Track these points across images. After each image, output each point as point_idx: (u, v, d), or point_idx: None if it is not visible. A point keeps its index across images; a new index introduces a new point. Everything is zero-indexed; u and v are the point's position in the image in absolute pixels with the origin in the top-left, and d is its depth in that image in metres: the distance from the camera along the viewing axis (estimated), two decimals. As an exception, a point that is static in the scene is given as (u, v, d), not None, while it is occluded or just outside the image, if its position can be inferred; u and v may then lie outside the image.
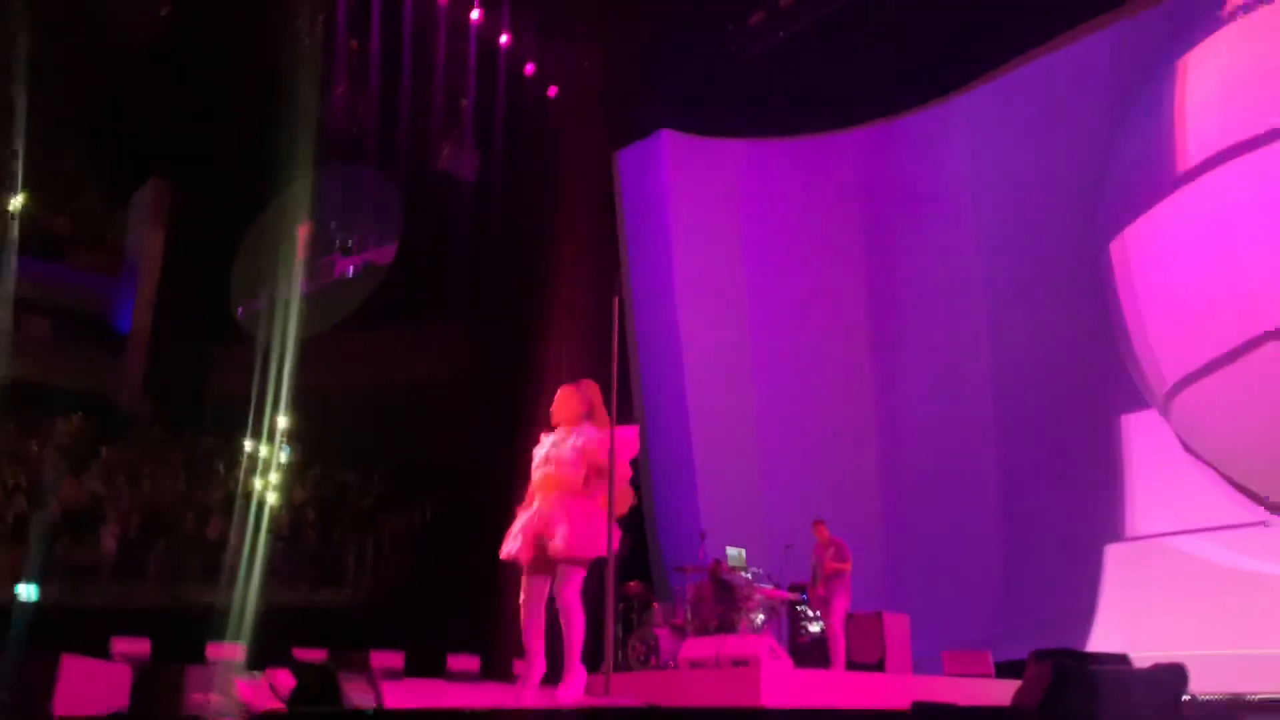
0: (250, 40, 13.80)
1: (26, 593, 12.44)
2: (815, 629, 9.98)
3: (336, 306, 17.73)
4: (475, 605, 11.87)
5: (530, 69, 14.39)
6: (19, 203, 15.05)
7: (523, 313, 14.02)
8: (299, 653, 7.74)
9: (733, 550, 10.05)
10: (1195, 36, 9.94)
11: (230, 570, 13.13)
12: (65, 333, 18.67)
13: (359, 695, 4.04)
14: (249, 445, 15.32)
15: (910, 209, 14.06)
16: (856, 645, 9.38)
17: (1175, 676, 3.81)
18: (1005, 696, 4.20)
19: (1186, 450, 10.04)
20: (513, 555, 4.84)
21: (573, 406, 4.99)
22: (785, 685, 6.40)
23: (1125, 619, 10.33)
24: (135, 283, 19.46)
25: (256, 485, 14.90)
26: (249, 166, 14.37)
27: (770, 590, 9.85)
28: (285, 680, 4.18)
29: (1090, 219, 10.94)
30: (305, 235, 16.78)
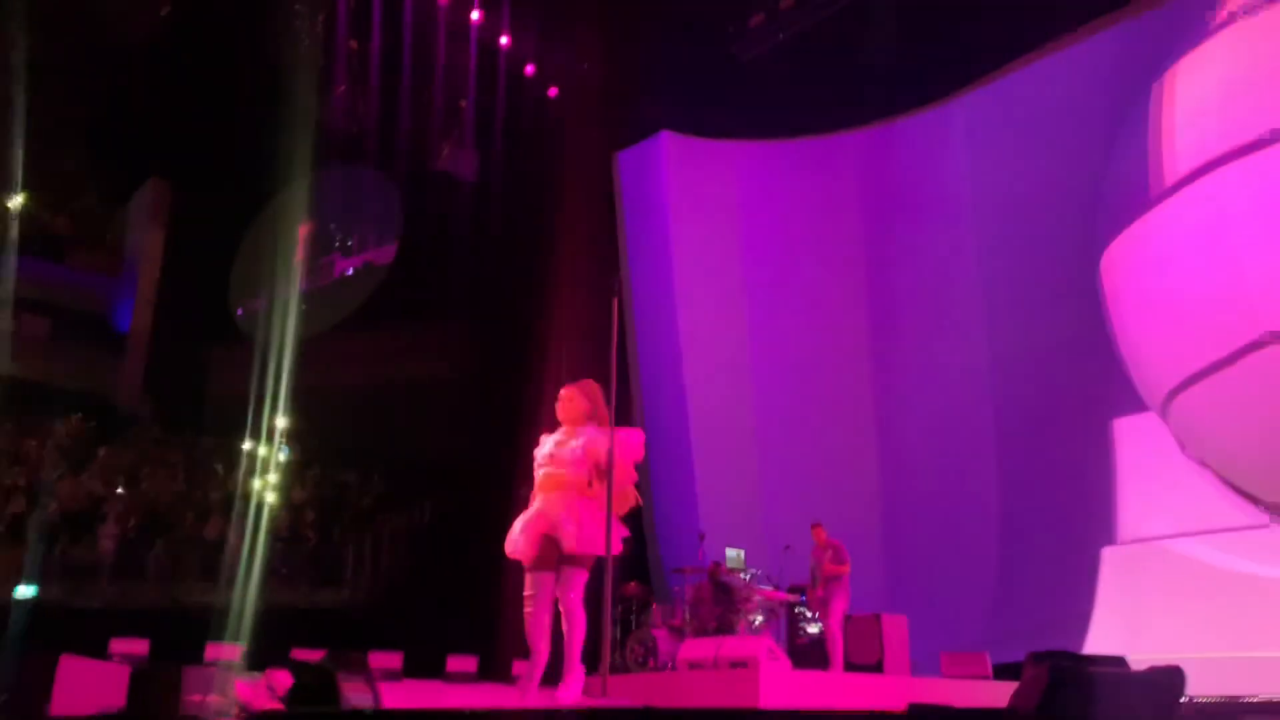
0: (250, 40, 13.80)
1: (25, 592, 12.44)
2: (814, 630, 9.99)
3: (336, 306, 17.72)
4: (474, 606, 11.88)
5: (530, 69, 14.40)
6: (19, 202, 15.05)
7: (522, 313, 14.02)
8: (297, 653, 7.72)
9: (731, 552, 10.07)
10: (1192, 41, 9.95)
11: (229, 570, 13.12)
12: (64, 332, 18.65)
13: (357, 696, 4.04)
14: (248, 445, 15.30)
15: (909, 211, 14.07)
16: (855, 647, 9.38)
17: (1172, 679, 3.83)
18: (1003, 698, 4.21)
19: (1185, 453, 10.04)
20: (517, 554, 4.85)
21: (576, 407, 5.00)
22: (783, 686, 6.40)
23: (1122, 621, 10.33)
24: (135, 282, 19.46)
25: (256, 485, 14.89)
26: (249, 166, 14.36)
27: (769, 592, 9.87)
28: (283, 680, 4.18)
29: (1089, 221, 10.95)
30: (305, 235, 16.78)
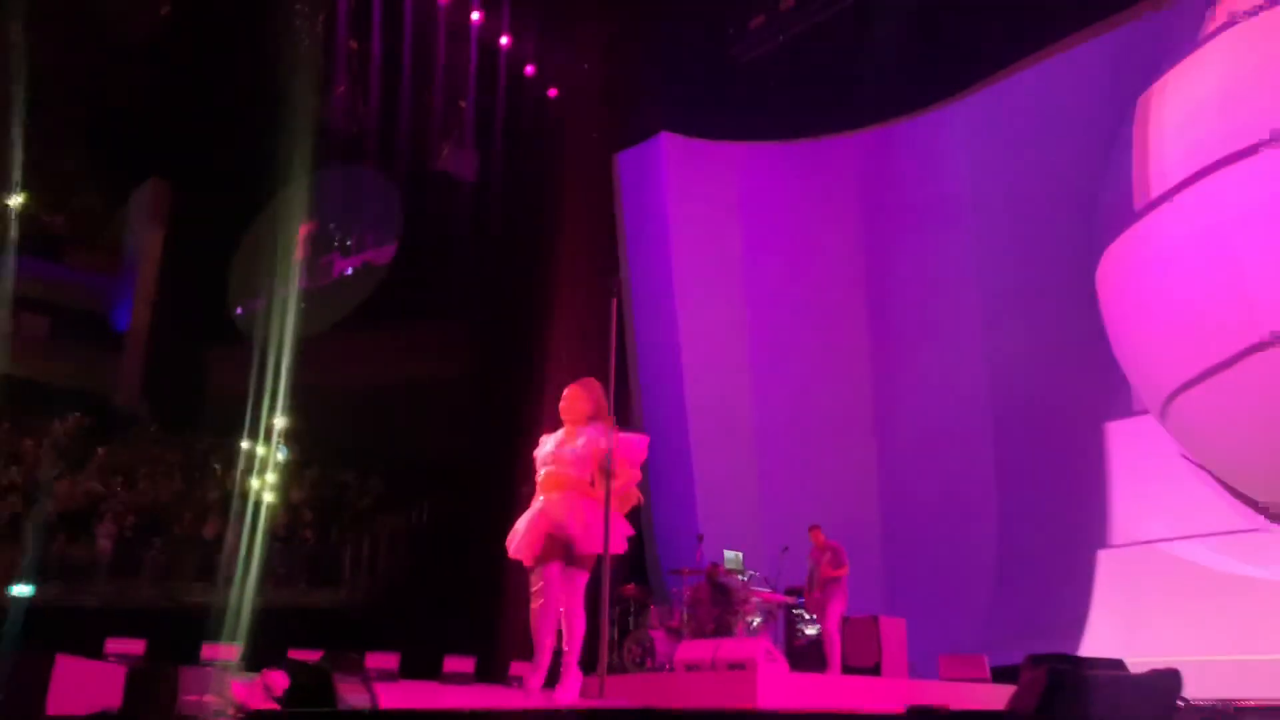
0: (250, 40, 13.80)
1: (21, 592, 12.43)
2: (811, 632, 9.97)
3: (335, 306, 17.72)
4: (472, 607, 11.87)
5: (530, 70, 14.40)
6: (18, 201, 15.05)
7: (521, 314, 14.02)
8: (294, 653, 7.71)
9: (730, 553, 10.05)
10: (1187, 46, 9.95)
11: (227, 570, 13.11)
12: (63, 331, 18.68)
13: (354, 696, 4.03)
14: (246, 445, 15.30)
15: (908, 213, 14.07)
16: (853, 649, 9.36)
17: (1170, 682, 3.82)
18: (1001, 701, 4.21)
19: (1184, 456, 10.04)
20: (520, 553, 4.83)
21: (579, 406, 5.00)
22: (781, 688, 6.38)
23: (1120, 624, 10.32)
24: (134, 282, 19.47)
25: (254, 485, 14.88)
26: (249, 166, 14.36)
27: (767, 593, 9.85)
28: (280, 681, 4.17)
29: (1087, 224, 10.95)
30: (305, 235, 16.77)
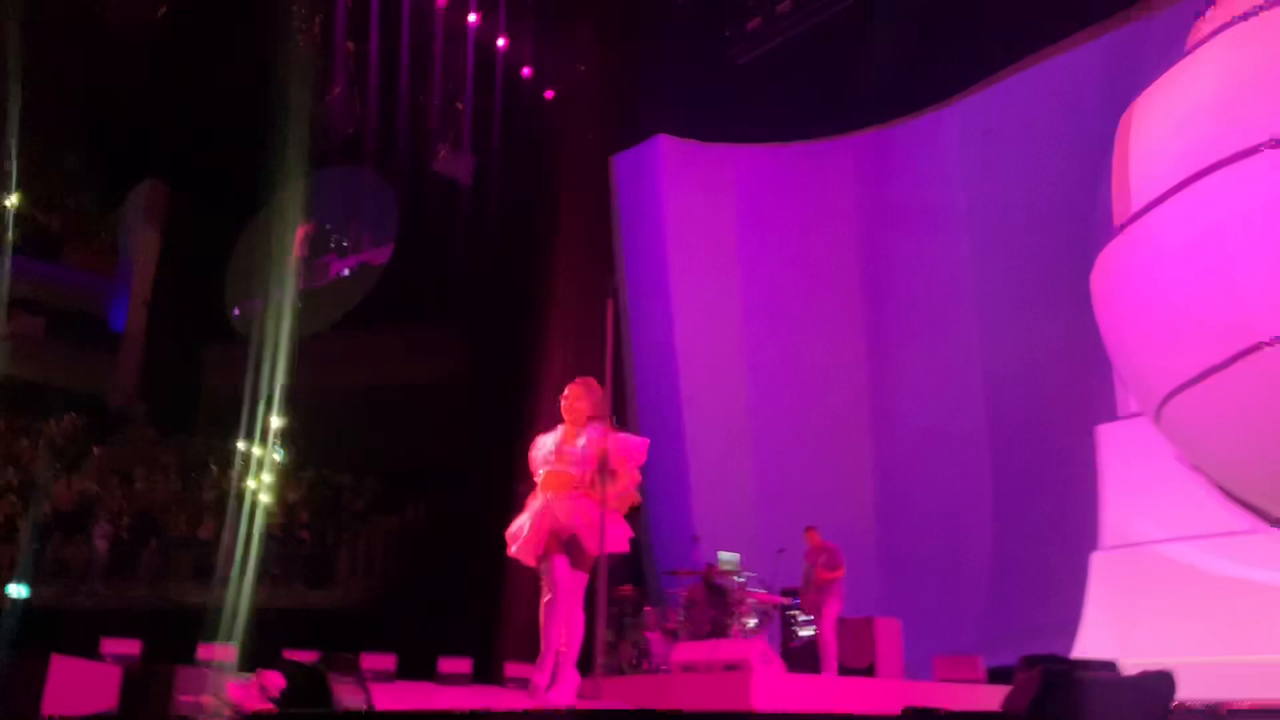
0: (247, 41, 13.79)
1: (17, 592, 12.41)
2: (807, 633, 9.98)
3: (332, 307, 17.71)
4: (468, 608, 11.87)
5: (527, 72, 14.39)
6: (13, 201, 15.02)
7: (518, 315, 14.02)
8: (290, 654, 7.72)
9: (725, 554, 10.06)
10: (1179, 51, 9.97)
11: (222, 571, 13.10)
12: (59, 332, 18.63)
13: (349, 697, 4.05)
14: (243, 446, 15.29)
15: (904, 215, 14.10)
16: (848, 650, 9.38)
17: (1163, 683, 3.84)
18: (996, 702, 4.22)
19: (1178, 459, 10.06)
20: (523, 552, 4.82)
21: (581, 405, 5.00)
22: (776, 690, 6.40)
23: (1114, 625, 10.34)
24: (130, 282, 19.43)
25: (250, 486, 14.87)
26: (245, 167, 14.35)
27: (762, 594, 9.87)
28: (276, 681, 4.18)
29: (1082, 225, 10.98)
30: (301, 236, 16.76)
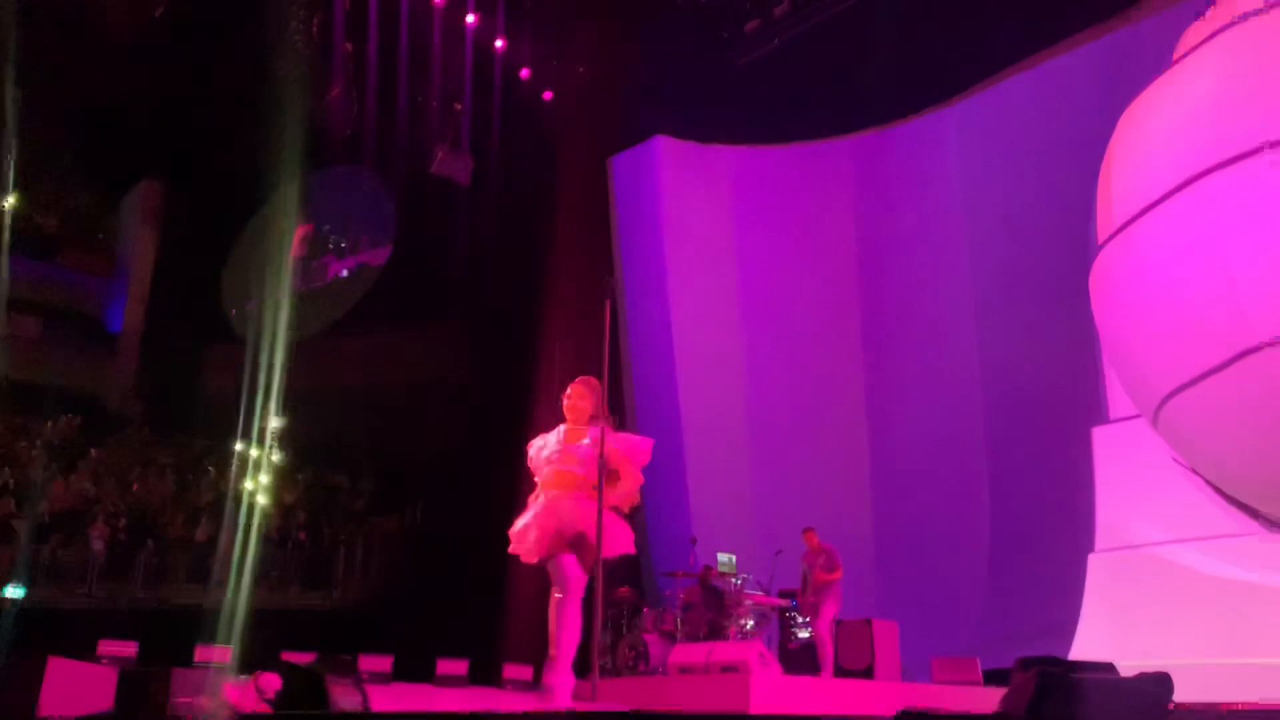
0: (245, 41, 13.79)
1: (14, 593, 12.39)
2: (805, 635, 9.97)
3: (329, 309, 17.71)
4: (466, 609, 11.85)
5: (525, 73, 14.39)
6: (11, 202, 15.01)
7: (516, 316, 14.02)
8: (287, 655, 7.71)
9: (723, 556, 10.05)
10: (1174, 58, 9.98)
11: (219, 572, 13.09)
12: (56, 332, 18.61)
13: (346, 698, 4.04)
14: (239, 447, 15.28)
15: (902, 217, 14.11)
16: (846, 652, 9.37)
17: (1160, 685, 3.84)
18: (993, 704, 4.22)
19: (1176, 461, 10.06)
20: (527, 551, 4.79)
21: (584, 404, 4.98)
22: (774, 692, 6.40)
23: (1112, 627, 10.34)
24: (127, 283, 19.42)
25: (247, 487, 14.86)
26: (243, 167, 14.34)
27: (760, 596, 9.86)
28: (272, 683, 4.18)
29: (1080, 227, 10.99)
30: (299, 237, 16.76)
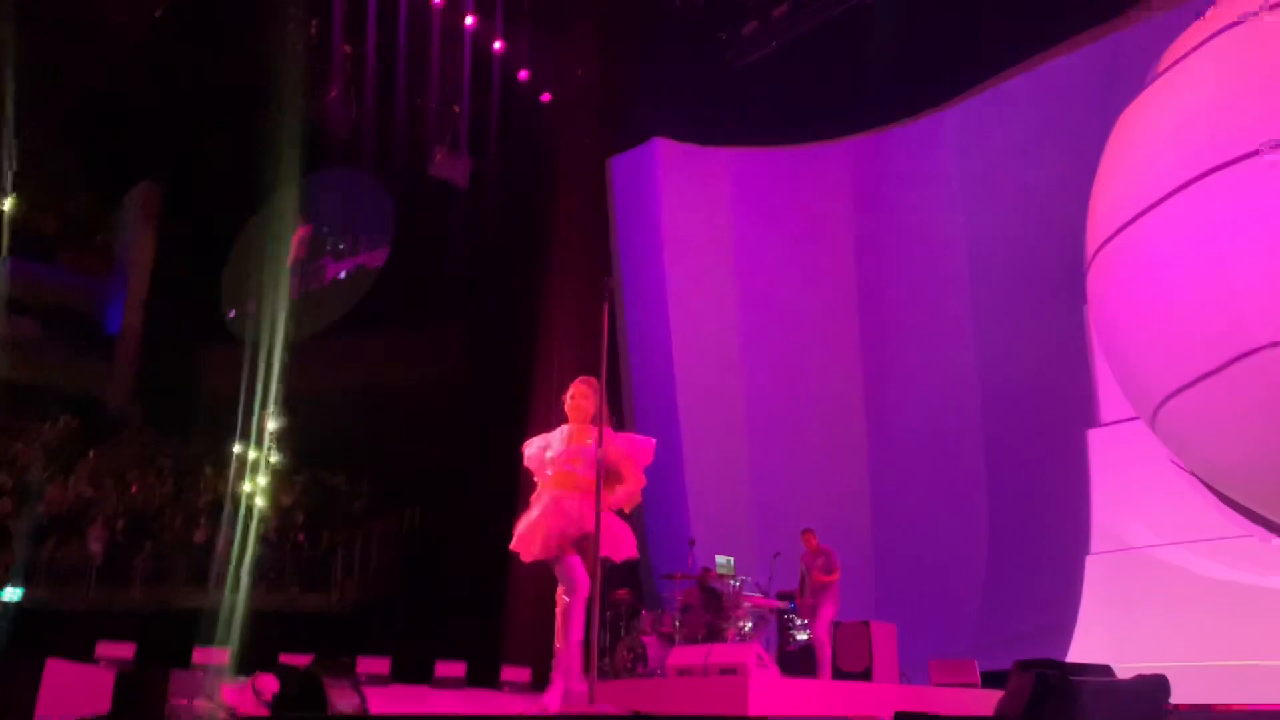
0: (244, 43, 13.80)
1: (11, 595, 12.39)
2: (803, 637, 9.97)
3: (328, 310, 17.71)
4: (464, 611, 11.86)
5: (524, 75, 14.40)
6: (10, 203, 15.01)
7: (514, 318, 14.02)
8: (285, 657, 7.72)
9: (721, 558, 10.04)
10: (1159, 69, 10.00)
11: (217, 574, 13.09)
12: (54, 334, 18.59)
13: (344, 700, 4.04)
14: (238, 448, 15.27)
15: (900, 219, 14.11)
16: (844, 653, 9.37)
17: (1157, 687, 3.84)
18: (990, 706, 4.22)
19: (1174, 463, 10.07)
20: (533, 551, 4.78)
21: (587, 406, 4.97)
22: (772, 694, 6.40)
23: (1109, 629, 10.34)
24: (125, 284, 19.41)
25: (245, 488, 14.85)
26: (241, 169, 14.36)
27: (758, 598, 9.85)
28: (270, 685, 4.18)
29: (1077, 230, 11.00)
30: (298, 238, 16.76)
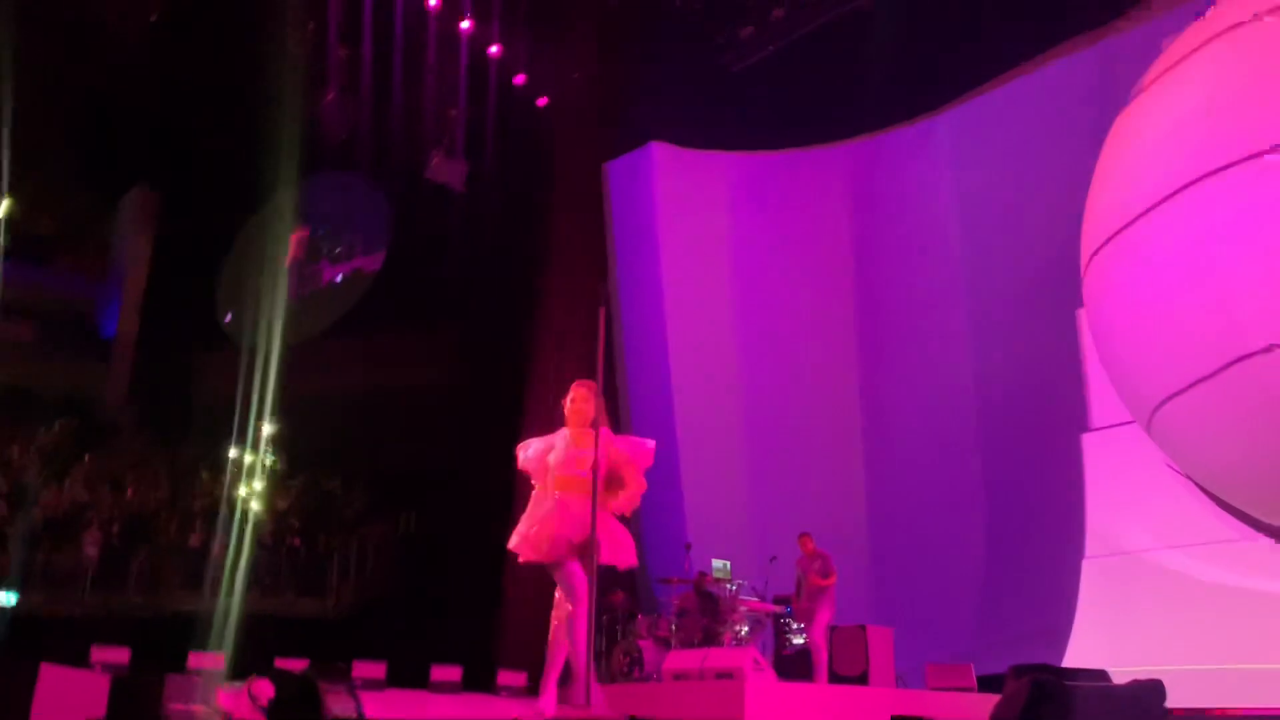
0: (240, 47, 13.79)
1: (5, 599, 12.34)
2: (799, 641, 9.97)
3: (324, 315, 17.69)
4: (459, 615, 11.85)
5: (520, 79, 14.41)
6: (4, 207, 14.98)
7: (510, 322, 14.02)
8: (280, 662, 7.70)
9: (718, 562, 10.04)
10: (1170, 60, 10.01)
11: (213, 578, 13.07)
12: (50, 338, 18.54)
13: (340, 705, 4.03)
14: (234, 453, 15.24)
15: (897, 223, 14.14)
16: (840, 657, 9.37)
17: (1152, 692, 3.84)
18: (985, 711, 4.22)
19: (1170, 467, 10.08)
20: (537, 553, 4.76)
21: (588, 410, 4.96)
22: (768, 698, 6.40)
23: (1105, 634, 10.35)
24: (121, 288, 19.37)
25: (241, 493, 14.82)
26: (237, 173, 14.34)
27: (755, 602, 9.85)
28: (266, 690, 4.17)
29: (1074, 233, 11.02)
30: (293, 242, 16.75)
